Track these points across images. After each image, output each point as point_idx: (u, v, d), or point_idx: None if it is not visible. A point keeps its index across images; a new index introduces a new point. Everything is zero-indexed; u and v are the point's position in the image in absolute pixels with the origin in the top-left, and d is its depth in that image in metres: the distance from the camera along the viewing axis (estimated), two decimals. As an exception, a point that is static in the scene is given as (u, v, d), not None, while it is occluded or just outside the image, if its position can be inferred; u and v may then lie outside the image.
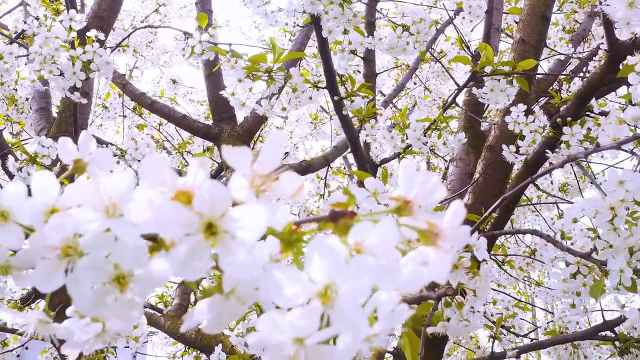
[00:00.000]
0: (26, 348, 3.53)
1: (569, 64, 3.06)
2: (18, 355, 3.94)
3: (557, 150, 1.67)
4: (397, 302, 0.35)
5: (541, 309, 3.22)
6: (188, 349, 3.88)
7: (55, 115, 2.77)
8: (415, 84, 4.96)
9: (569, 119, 1.63)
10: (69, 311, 0.51)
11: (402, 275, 0.35)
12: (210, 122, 3.54)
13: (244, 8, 3.54)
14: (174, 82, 5.28)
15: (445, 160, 3.74)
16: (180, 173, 0.39)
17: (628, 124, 1.23)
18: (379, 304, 0.34)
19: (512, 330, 2.72)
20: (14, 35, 2.17)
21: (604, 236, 1.28)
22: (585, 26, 3.16)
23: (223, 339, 3.17)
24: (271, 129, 5.87)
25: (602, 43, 2.47)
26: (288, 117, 5.78)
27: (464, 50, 2.70)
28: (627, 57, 1.21)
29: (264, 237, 0.36)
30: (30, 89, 2.72)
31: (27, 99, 2.98)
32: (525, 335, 2.99)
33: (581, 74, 2.88)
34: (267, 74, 1.47)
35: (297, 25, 2.51)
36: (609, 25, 1.47)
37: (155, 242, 0.38)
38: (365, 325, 0.33)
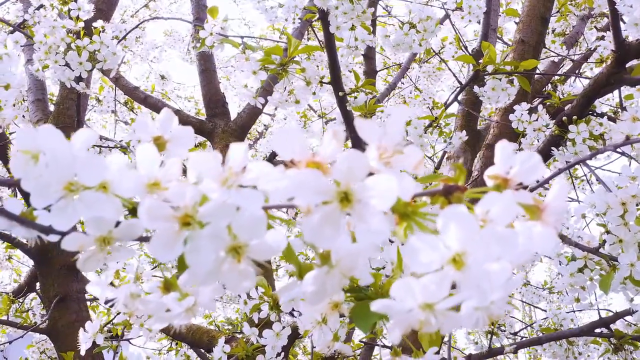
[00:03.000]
0: (9, 343, 3.50)
1: (562, 66, 3.10)
2: (1, 350, 3.91)
3: (561, 147, 1.70)
4: (511, 272, 0.36)
5: (536, 307, 3.26)
6: (175, 344, 3.87)
7: (51, 106, 2.75)
8: (403, 83, 4.98)
9: (574, 117, 1.66)
10: (149, 287, 0.52)
11: (519, 246, 0.36)
12: (203, 117, 3.54)
13: (233, 5, 3.54)
14: (163, 77, 5.26)
15: (434, 161, 3.77)
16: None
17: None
18: (494, 273, 0.35)
19: (502, 328, 2.76)
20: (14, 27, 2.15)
21: (614, 231, 1.31)
22: (578, 29, 3.20)
23: (215, 334, 3.16)
24: (259, 126, 5.87)
25: (599, 45, 2.51)
26: (275, 115, 5.79)
27: (462, 49, 2.72)
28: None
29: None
30: (24, 80, 2.69)
31: (19, 91, 2.95)
32: (515, 334, 3.03)
33: (573, 76, 2.92)
34: (281, 67, 1.47)
35: (299, 19, 2.52)
36: (616, 26, 1.50)
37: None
38: (492, 292, 0.34)
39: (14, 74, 1.10)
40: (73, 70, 1.88)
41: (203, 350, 3.25)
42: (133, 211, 0.45)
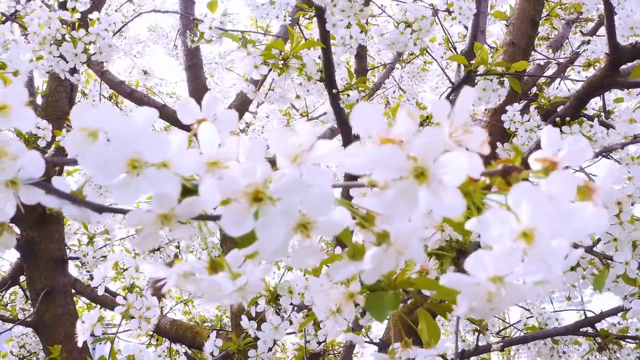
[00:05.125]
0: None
1: (548, 69, 3.15)
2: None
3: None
4: (568, 248, 0.38)
5: (521, 306, 3.30)
6: (156, 340, 3.86)
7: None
8: (385, 84, 5.01)
9: (567, 118, 1.69)
10: (195, 268, 0.53)
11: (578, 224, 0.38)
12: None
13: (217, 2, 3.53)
14: (145, 73, 5.24)
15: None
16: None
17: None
18: (558, 248, 0.37)
19: (486, 326, 2.79)
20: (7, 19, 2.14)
21: (609, 229, 1.33)
22: (563, 33, 3.25)
23: (199, 330, 3.16)
24: (241, 123, 5.86)
25: (586, 49, 2.55)
26: (257, 113, 5.78)
27: (451, 50, 2.75)
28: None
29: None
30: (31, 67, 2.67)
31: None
32: (497, 333, 3.07)
33: (559, 78, 2.96)
34: (282, 61, 1.48)
35: (290, 17, 2.53)
36: (612, 29, 1.53)
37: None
38: (558, 267, 0.36)
39: (22, 61, 1.10)
40: (67, 62, 1.88)
41: (184, 346, 3.25)
42: (185, 192, 0.45)
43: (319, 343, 2.03)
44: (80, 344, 1.34)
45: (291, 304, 1.43)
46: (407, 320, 1.80)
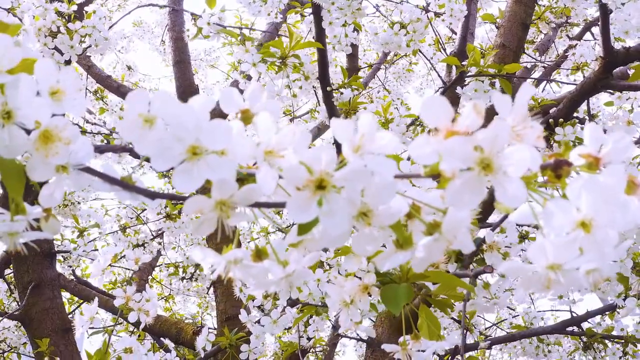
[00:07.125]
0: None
1: (534, 72, 3.19)
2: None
3: (548, 149, 1.76)
4: (617, 239, 0.40)
5: (508, 307, 3.33)
6: (138, 336, 3.84)
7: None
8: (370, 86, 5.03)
9: (560, 120, 1.72)
10: (234, 254, 0.54)
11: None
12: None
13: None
14: (129, 68, 5.22)
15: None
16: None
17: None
18: (612, 238, 0.39)
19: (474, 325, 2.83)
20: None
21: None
22: (550, 37, 3.30)
23: (183, 326, 3.15)
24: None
25: (574, 53, 2.59)
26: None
27: (440, 51, 2.78)
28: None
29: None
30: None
31: None
32: (480, 333, 3.10)
33: (546, 80, 3.00)
34: (281, 60, 1.49)
35: (282, 15, 2.54)
36: (606, 33, 1.56)
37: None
38: (613, 256, 0.37)
39: (32, 50, 1.10)
40: (62, 54, 1.87)
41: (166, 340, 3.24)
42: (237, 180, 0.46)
43: (308, 339, 2.05)
44: (77, 336, 1.34)
45: (289, 298, 1.44)
46: (400, 316, 1.82)
